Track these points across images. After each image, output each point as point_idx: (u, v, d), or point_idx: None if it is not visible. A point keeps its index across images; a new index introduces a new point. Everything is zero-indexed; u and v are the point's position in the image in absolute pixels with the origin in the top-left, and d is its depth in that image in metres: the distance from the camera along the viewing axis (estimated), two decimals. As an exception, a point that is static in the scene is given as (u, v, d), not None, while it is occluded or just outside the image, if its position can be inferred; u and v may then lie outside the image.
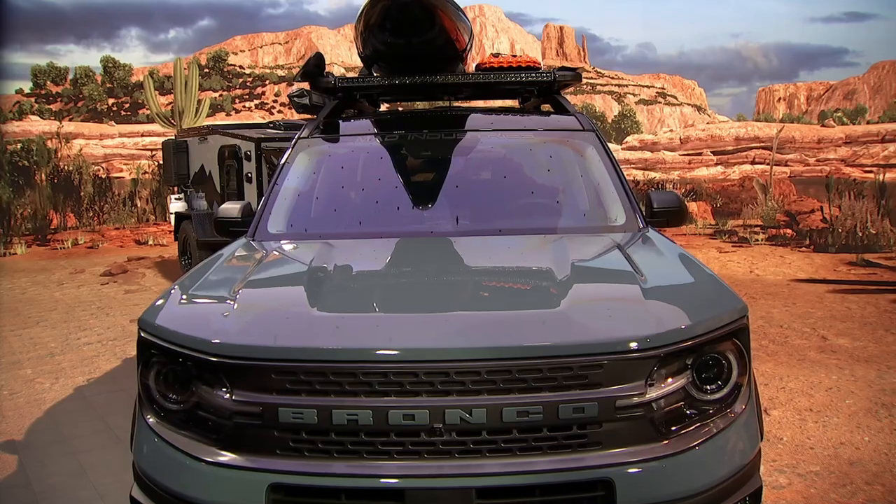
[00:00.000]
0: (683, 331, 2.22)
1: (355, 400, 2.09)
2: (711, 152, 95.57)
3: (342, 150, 3.91)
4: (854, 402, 4.97)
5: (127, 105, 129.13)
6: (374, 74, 4.40)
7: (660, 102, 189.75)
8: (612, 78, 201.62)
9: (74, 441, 4.56)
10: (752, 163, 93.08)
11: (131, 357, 6.44)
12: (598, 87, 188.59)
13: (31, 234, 15.24)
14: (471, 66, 4.72)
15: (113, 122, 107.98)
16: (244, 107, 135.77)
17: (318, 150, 3.88)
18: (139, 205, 17.60)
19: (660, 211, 3.57)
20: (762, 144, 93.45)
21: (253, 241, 3.42)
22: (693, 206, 20.39)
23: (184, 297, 2.66)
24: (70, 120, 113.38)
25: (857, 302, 7.99)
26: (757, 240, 12.94)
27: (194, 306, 2.61)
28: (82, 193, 17.06)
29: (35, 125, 75.69)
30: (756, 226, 15.40)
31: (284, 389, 2.12)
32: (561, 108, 4.26)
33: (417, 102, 4.40)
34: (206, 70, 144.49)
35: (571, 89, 5.11)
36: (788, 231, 13.75)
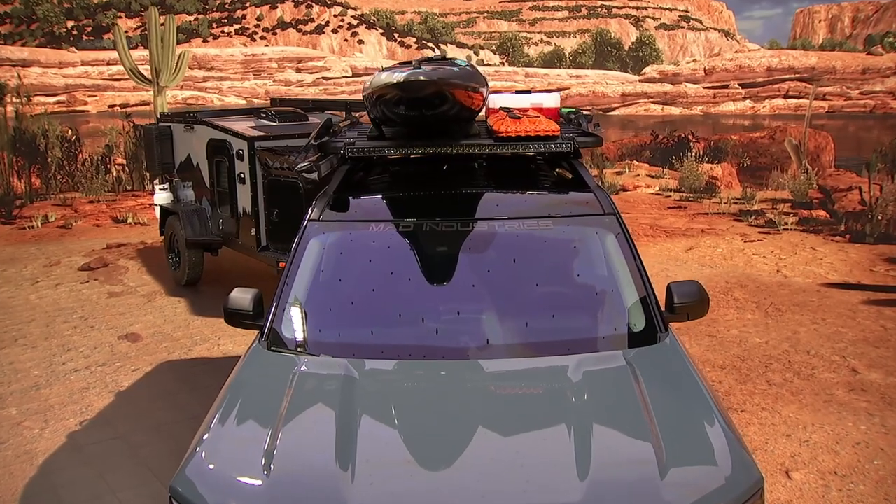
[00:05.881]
0: None
1: None
2: (739, 85, 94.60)
3: (354, 243, 4.09)
4: (883, 462, 5.25)
5: (89, 29, 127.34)
6: (383, 130, 4.59)
7: (683, 27, 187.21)
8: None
9: (75, 510, 4.85)
10: (786, 96, 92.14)
11: (123, 390, 6.71)
12: (614, 11, 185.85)
13: (-5, 208, 15.38)
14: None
15: (74, 49, 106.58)
16: (223, 32, 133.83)
17: (328, 237, 4.07)
18: (114, 172, 17.67)
19: (680, 306, 3.83)
20: (797, 76, 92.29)
21: (268, 349, 3.65)
22: (717, 170, 20.52)
23: (214, 460, 2.90)
24: (23, 45, 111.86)
25: (894, 318, 8.24)
26: (786, 224, 13.12)
27: (227, 475, 2.85)
28: (49, 159, 17.10)
29: (-18, 49, 74.57)
30: (786, 201, 15.59)
31: None
32: (578, 178, 4.45)
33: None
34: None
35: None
36: (822, 212, 13.93)
